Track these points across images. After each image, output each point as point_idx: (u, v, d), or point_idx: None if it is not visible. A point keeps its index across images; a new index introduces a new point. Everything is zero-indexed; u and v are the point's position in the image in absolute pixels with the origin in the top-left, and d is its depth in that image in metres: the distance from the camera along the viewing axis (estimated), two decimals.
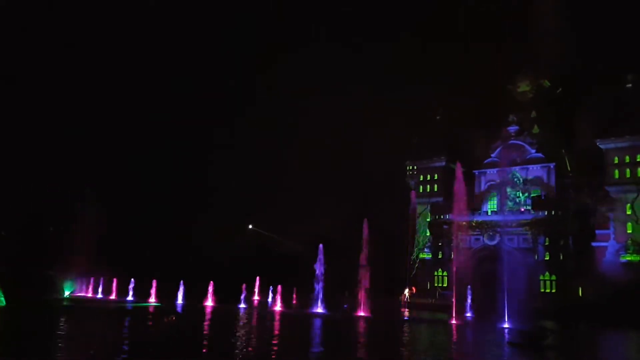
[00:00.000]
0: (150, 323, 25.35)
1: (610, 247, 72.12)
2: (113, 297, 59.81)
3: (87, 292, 64.26)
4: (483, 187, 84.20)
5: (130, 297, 58.62)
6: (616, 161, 73.72)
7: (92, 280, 65.06)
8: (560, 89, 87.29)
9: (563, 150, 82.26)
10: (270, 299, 60.01)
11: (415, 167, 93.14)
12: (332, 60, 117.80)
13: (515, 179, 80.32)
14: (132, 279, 60.03)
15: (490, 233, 77.58)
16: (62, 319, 34.35)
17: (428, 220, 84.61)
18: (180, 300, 56.32)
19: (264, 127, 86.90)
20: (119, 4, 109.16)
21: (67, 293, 58.21)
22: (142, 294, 58.15)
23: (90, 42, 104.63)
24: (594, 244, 73.25)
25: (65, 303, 48.57)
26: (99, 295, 62.28)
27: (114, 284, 61.17)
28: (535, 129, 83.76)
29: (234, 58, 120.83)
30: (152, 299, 56.31)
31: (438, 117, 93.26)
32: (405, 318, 49.28)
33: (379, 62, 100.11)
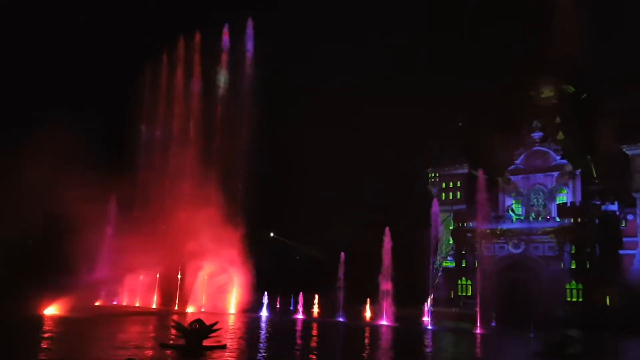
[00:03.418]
0: (173, 331, 25.75)
1: (638, 255, 70.61)
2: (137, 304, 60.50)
3: (113, 300, 64.93)
4: (507, 194, 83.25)
5: (154, 305, 59.27)
6: None
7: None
8: (585, 95, 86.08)
9: (588, 157, 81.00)
10: (292, 307, 60.06)
11: (437, 175, 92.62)
12: (350, 63, 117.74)
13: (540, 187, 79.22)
14: (156, 286, 60.67)
15: (515, 241, 76.59)
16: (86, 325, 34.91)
17: (451, 228, 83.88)
18: (202, 308, 56.74)
19: (284, 133, 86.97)
20: None
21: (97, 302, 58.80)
22: (166, 301, 58.75)
23: None
24: (621, 251, 71.81)
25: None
26: (124, 303, 62.95)
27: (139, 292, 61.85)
28: (560, 135, 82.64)
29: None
30: (176, 307, 56.91)
31: (460, 124, 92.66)
32: (428, 327, 48.85)
33: (401, 67, 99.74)
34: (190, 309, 55.70)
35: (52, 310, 43.79)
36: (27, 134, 58.93)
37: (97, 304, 56.70)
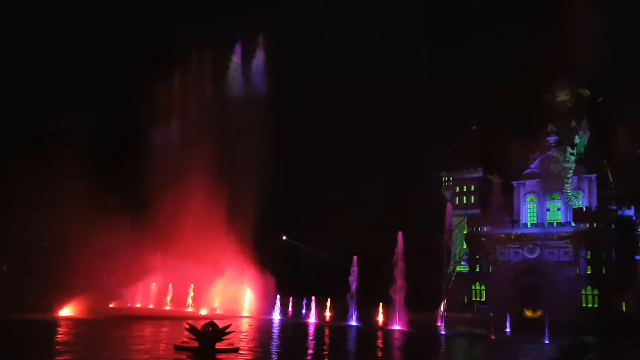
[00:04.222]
0: (186, 333, 25.95)
1: None
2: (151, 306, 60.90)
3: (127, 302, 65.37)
4: (522, 198, 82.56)
5: (167, 307, 59.63)
6: None
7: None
8: (601, 98, 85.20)
9: (605, 161, 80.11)
10: (304, 310, 60.08)
11: (451, 179, 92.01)
12: (351, 63, 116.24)
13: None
14: (170, 287, 61.01)
15: (530, 246, 75.87)
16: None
17: (465, 232, 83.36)
18: (216, 310, 56.96)
19: (299, 138, 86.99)
20: None
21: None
22: (179, 303, 59.06)
23: None
24: (637, 257, 70.89)
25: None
26: (138, 305, 63.35)
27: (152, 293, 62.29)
28: (576, 139, 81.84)
29: None
30: (190, 309, 57.19)
31: (474, 128, 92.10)
32: (442, 332, 48.59)
33: (413, 70, 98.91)
34: (203, 312, 55.95)
35: (67, 311, 44.26)
36: (43, 138, 59.87)
37: (111, 306, 57.14)
